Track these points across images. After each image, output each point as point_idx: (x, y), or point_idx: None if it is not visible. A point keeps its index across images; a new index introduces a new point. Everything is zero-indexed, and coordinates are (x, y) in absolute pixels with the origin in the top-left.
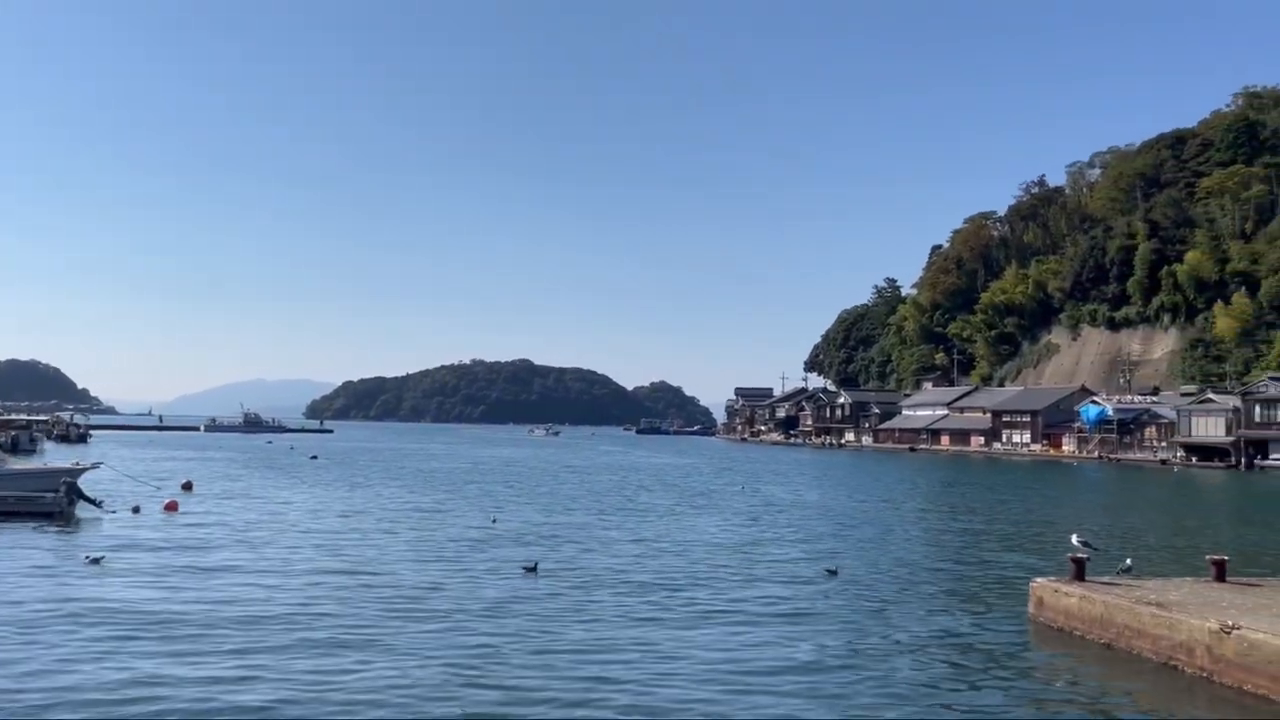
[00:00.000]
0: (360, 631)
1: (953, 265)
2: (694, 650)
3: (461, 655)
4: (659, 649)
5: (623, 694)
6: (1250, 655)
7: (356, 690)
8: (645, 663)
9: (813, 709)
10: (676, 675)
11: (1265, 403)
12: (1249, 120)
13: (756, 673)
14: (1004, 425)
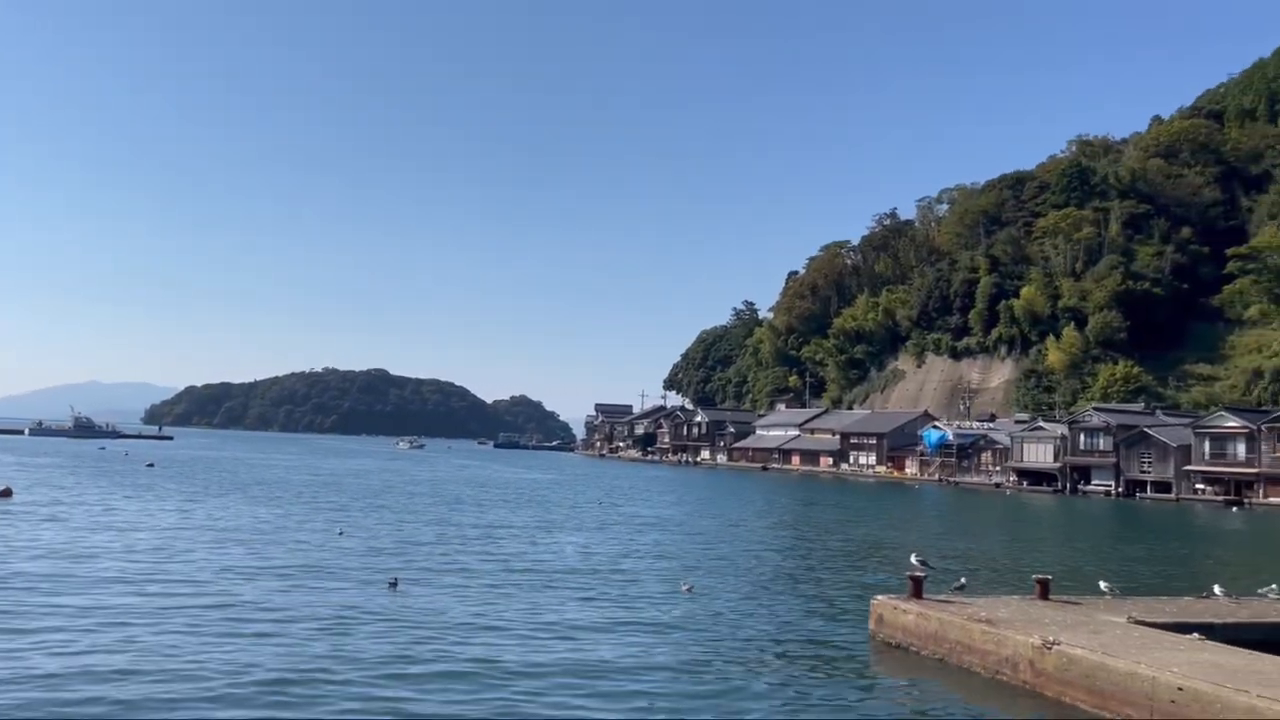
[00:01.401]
0: (174, 655)
1: (808, 291)
2: (545, 663)
3: (292, 672)
4: (506, 664)
5: (476, 705)
6: (1068, 670)
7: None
8: (491, 676)
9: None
10: (523, 689)
11: (1089, 431)
12: (1081, 166)
13: (602, 695)
14: (851, 447)
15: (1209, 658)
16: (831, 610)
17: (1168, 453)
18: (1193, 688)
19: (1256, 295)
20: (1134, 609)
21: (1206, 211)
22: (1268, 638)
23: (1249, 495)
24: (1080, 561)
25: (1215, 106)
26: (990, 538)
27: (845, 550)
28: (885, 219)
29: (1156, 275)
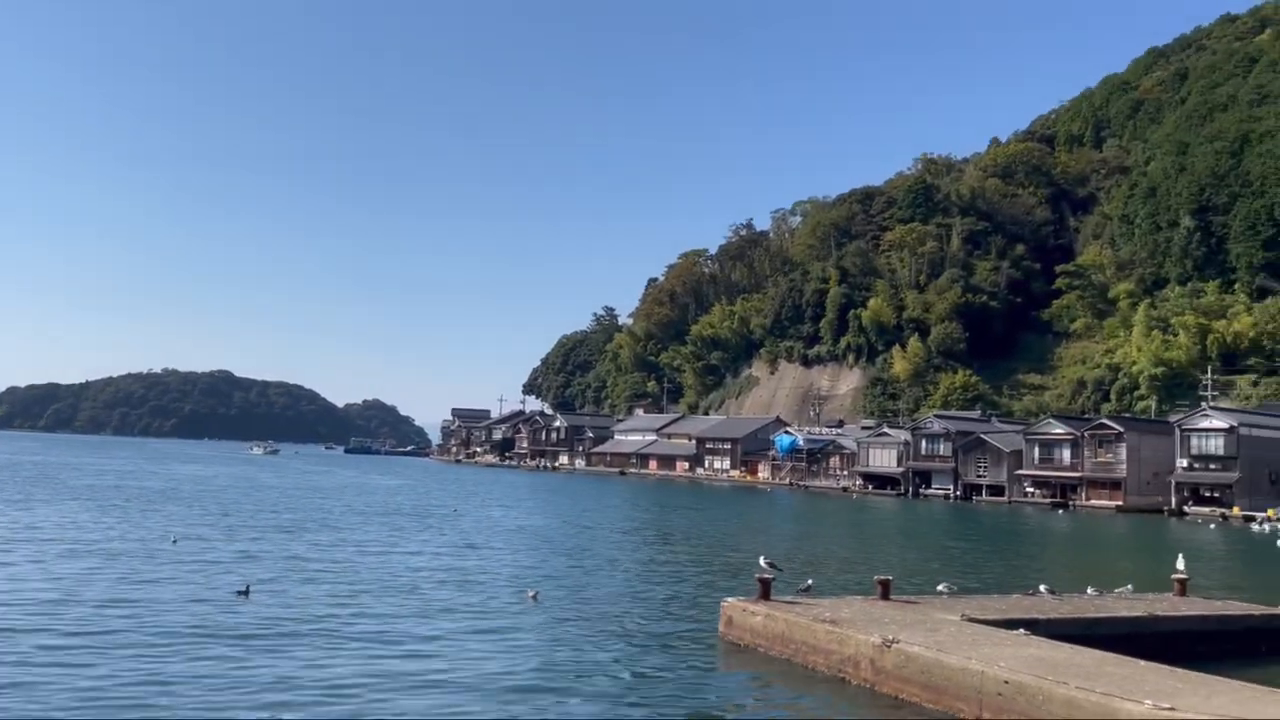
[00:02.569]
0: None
1: (667, 298)
2: (384, 673)
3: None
4: (343, 674)
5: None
6: (906, 667)
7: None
8: (331, 685)
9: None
10: (368, 692)
11: (930, 437)
12: (926, 184)
13: (441, 705)
14: (707, 452)
15: (1033, 652)
16: (682, 613)
17: (1001, 458)
18: (1017, 681)
19: (1081, 310)
20: (967, 607)
21: (1038, 230)
22: (1086, 632)
23: (1073, 498)
24: (920, 562)
25: (1047, 131)
26: (837, 540)
27: (697, 553)
28: (742, 229)
29: (993, 289)
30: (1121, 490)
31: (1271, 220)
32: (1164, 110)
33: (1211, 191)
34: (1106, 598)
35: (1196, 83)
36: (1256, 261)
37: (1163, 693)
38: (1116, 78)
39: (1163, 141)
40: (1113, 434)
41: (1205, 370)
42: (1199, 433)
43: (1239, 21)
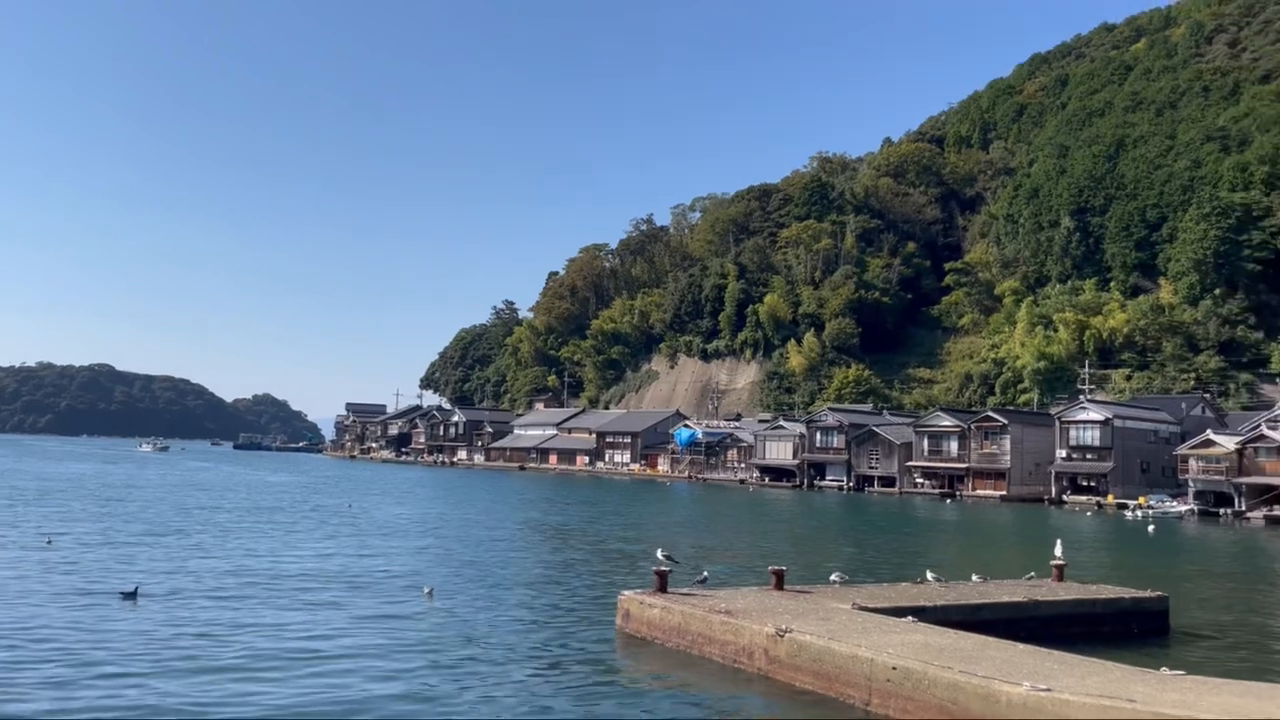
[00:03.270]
0: None
1: (567, 292)
2: (276, 667)
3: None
4: (229, 675)
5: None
6: (798, 655)
7: None
8: (220, 687)
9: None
10: (248, 684)
11: (824, 430)
12: (821, 181)
13: (333, 702)
14: (607, 446)
15: (920, 638)
16: (581, 607)
17: (892, 450)
18: (905, 666)
19: (968, 306)
20: (858, 596)
21: (929, 228)
22: (970, 618)
23: (960, 488)
24: (814, 553)
25: (937, 132)
26: (734, 532)
27: (596, 548)
28: (642, 224)
29: (885, 286)
30: (1005, 480)
31: (1144, 222)
32: (1046, 114)
33: (1089, 193)
34: (990, 584)
35: (1076, 89)
36: (1130, 261)
37: (1040, 674)
38: (1002, 82)
39: (1045, 144)
40: (997, 426)
41: (1083, 365)
42: (1077, 424)
43: (1116, 31)
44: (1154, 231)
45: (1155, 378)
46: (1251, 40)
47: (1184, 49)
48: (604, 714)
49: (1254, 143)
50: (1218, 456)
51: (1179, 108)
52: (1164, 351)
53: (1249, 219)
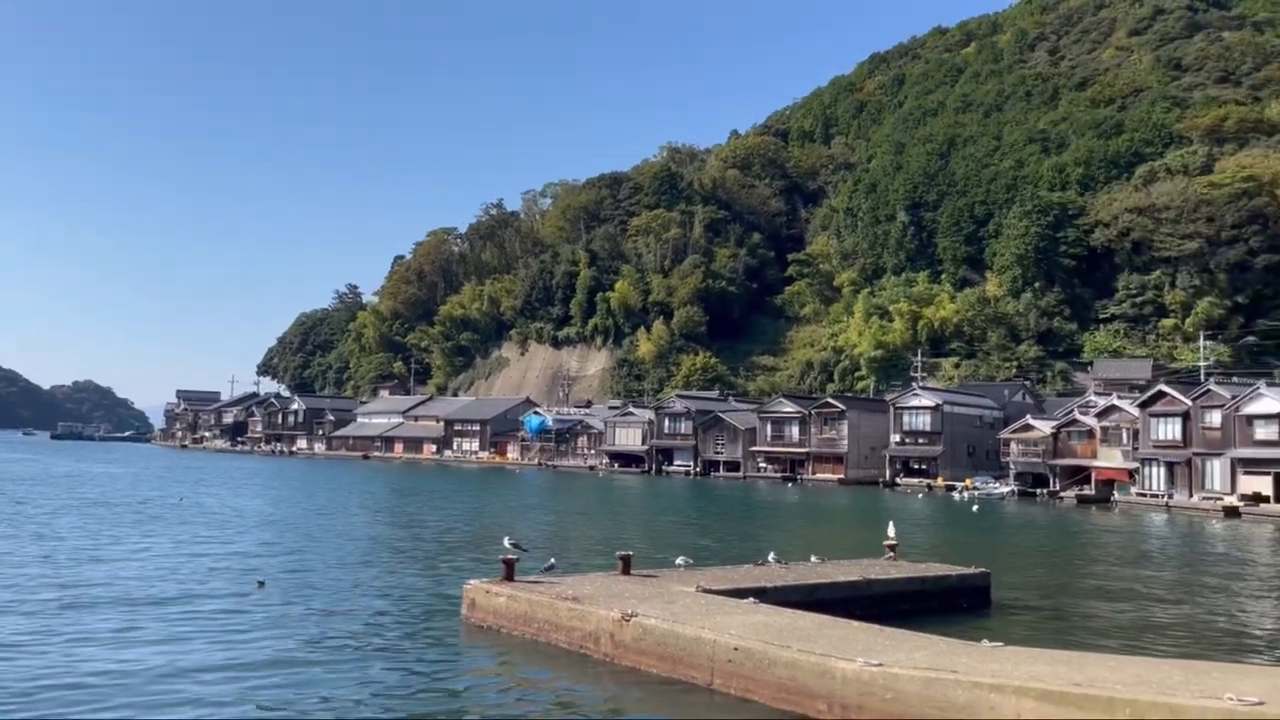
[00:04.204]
0: None
1: (414, 276)
2: (96, 667)
3: None
4: (50, 669)
5: None
6: (644, 639)
7: None
8: (31, 683)
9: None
10: (67, 693)
11: (672, 416)
12: (671, 171)
13: (158, 704)
14: (455, 434)
15: (761, 619)
16: (425, 598)
17: (737, 435)
18: (746, 647)
19: (810, 296)
20: (702, 579)
21: (773, 220)
22: (809, 597)
23: (801, 472)
24: (661, 537)
25: (782, 126)
26: (582, 518)
27: (442, 537)
28: (493, 209)
29: (732, 275)
30: (844, 464)
31: (972, 217)
32: (884, 112)
33: (923, 189)
34: (828, 564)
35: (912, 88)
36: (959, 255)
37: (873, 650)
38: (844, 79)
39: (882, 141)
40: (836, 412)
41: (916, 353)
42: (910, 410)
43: (948, 34)
44: (981, 227)
45: (981, 366)
46: (1070, 49)
47: (1009, 54)
48: (447, 705)
49: (1071, 145)
50: (1035, 440)
51: (1005, 110)
52: (989, 341)
53: (1065, 217)
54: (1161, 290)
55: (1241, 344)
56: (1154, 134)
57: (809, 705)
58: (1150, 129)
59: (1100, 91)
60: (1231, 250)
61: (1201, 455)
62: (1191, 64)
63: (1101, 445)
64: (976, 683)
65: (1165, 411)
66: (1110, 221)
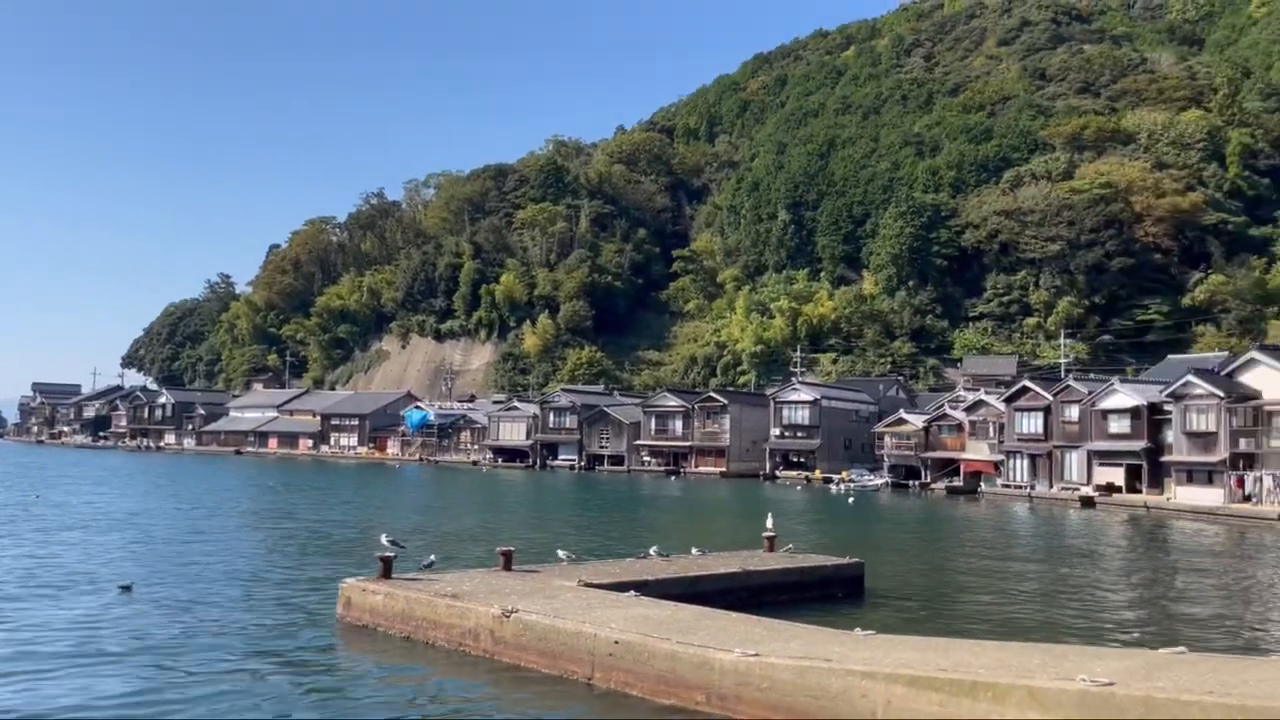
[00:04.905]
0: None
1: (290, 266)
2: None
3: None
4: None
5: None
6: (524, 635)
7: None
8: None
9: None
10: None
11: (557, 411)
12: (557, 165)
13: (30, 711)
14: (333, 428)
15: (641, 612)
16: (299, 598)
17: (622, 429)
18: (626, 640)
19: (694, 292)
20: (584, 573)
21: (659, 216)
22: (690, 590)
23: (684, 465)
24: (544, 532)
25: (668, 123)
26: (465, 514)
27: (318, 535)
28: (373, 198)
29: (618, 270)
30: (725, 457)
31: (850, 217)
32: (767, 112)
33: (804, 189)
34: (709, 556)
35: (794, 89)
36: (837, 254)
37: (750, 640)
38: (728, 78)
39: (765, 140)
40: (718, 406)
41: (795, 349)
42: (789, 404)
43: (829, 37)
44: (859, 227)
45: (858, 361)
46: (943, 56)
47: (887, 59)
48: (319, 708)
49: (944, 149)
50: (908, 434)
51: (882, 113)
52: (865, 337)
53: (938, 218)
54: (1026, 290)
55: (1098, 342)
56: (1020, 140)
57: (688, 697)
58: (1017, 135)
59: (971, 98)
60: (1090, 253)
61: (1061, 448)
62: (1055, 74)
63: (970, 439)
64: (849, 670)
65: (1028, 406)
66: (980, 223)
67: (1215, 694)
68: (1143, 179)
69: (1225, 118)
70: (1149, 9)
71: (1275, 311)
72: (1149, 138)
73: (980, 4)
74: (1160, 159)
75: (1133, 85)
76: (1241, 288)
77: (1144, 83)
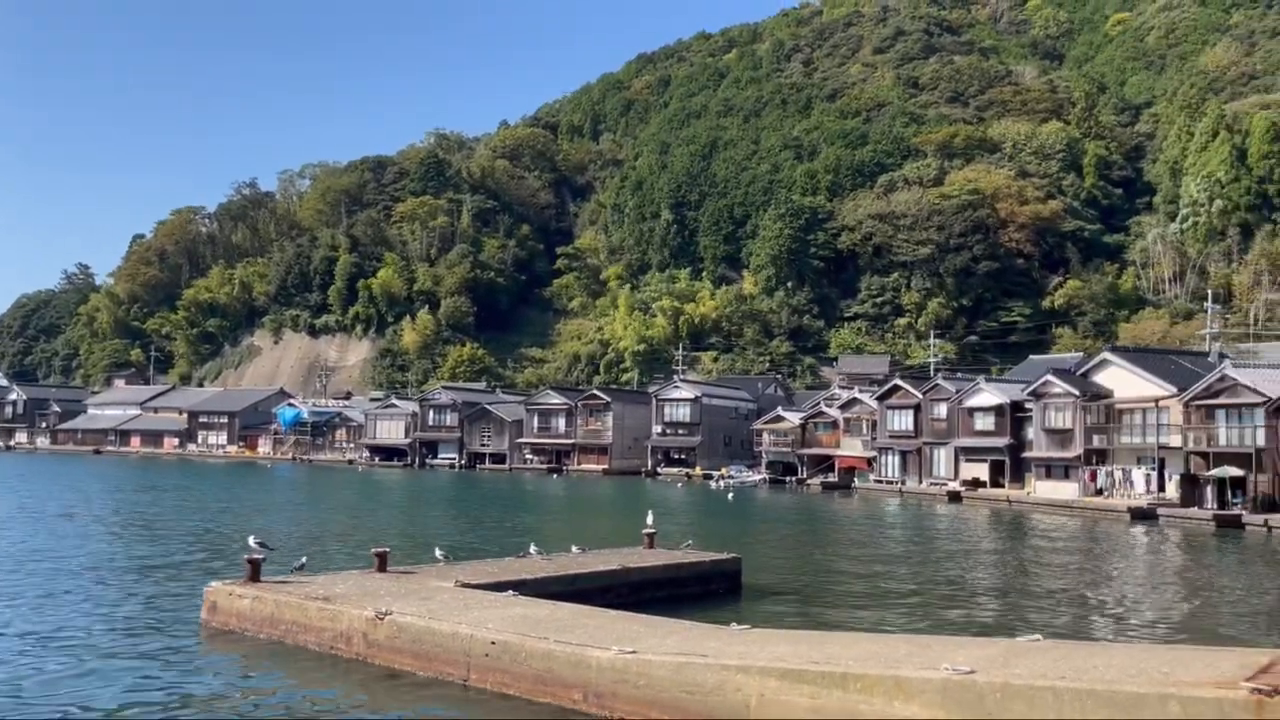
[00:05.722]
0: None
1: (155, 257)
2: None
3: None
4: None
5: None
6: (398, 637)
7: None
8: None
9: None
10: None
11: (437, 408)
12: (438, 158)
13: None
14: (201, 426)
15: (519, 611)
16: (162, 602)
17: (504, 427)
18: (503, 640)
19: (578, 290)
20: (462, 573)
21: (542, 212)
22: (569, 588)
23: (567, 463)
24: (421, 532)
25: (552, 119)
26: (339, 515)
27: (183, 537)
28: (245, 188)
29: (500, 266)
30: (608, 455)
31: (731, 218)
32: (651, 112)
33: (686, 189)
34: (589, 554)
35: (677, 90)
36: (719, 253)
37: (627, 638)
38: (613, 77)
39: (649, 140)
40: (601, 404)
41: (678, 347)
42: (671, 402)
43: (712, 40)
44: (740, 227)
45: (738, 360)
46: (822, 62)
47: (768, 63)
48: (182, 717)
49: (821, 153)
50: (786, 431)
51: (763, 116)
52: (745, 336)
53: (816, 221)
54: (899, 291)
55: (965, 342)
56: (894, 146)
57: (565, 695)
58: (891, 142)
59: (848, 104)
60: (958, 256)
61: (930, 444)
62: (927, 83)
63: (844, 435)
64: (724, 665)
65: (899, 404)
66: (855, 226)
67: (1067, 679)
68: (1007, 186)
69: (1083, 130)
70: (1014, 24)
71: (1126, 314)
72: (1013, 147)
73: (858, 12)
74: (1024, 168)
75: (999, 96)
76: (1096, 292)
77: (1009, 94)
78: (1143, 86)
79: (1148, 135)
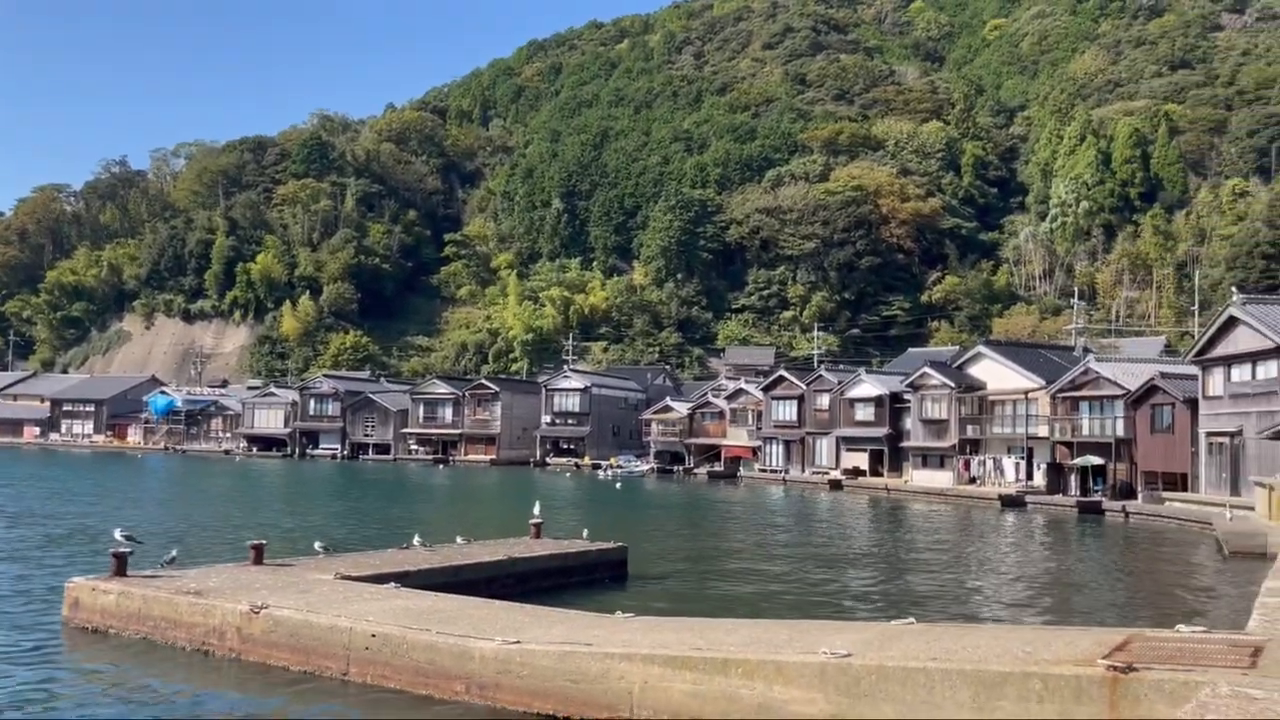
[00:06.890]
0: None
1: (15, 237)
2: None
3: None
4: None
5: None
6: (274, 631)
7: None
8: None
9: None
10: None
11: (319, 398)
12: (321, 140)
13: None
14: (65, 415)
15: (401, 604)
16: (18, 600)
17: (389, 417)
18: (384, 633)
19: (467, 277)
20: (342, 565)
21: (430, 198)
22: (453, 579)
23: (454, 453)
24: (300, 524)
25: (441, 104)
26: (214, 506)
27: (44, 532)
28: (115, 166)
29: (386, 252)
30: (496, 445)
31: (622, 209)
32: (542, 99)
33: (578, 178)
34: (475, 545)
35: (569, 78)
36: (609, 244)
37: (512, 628)
38: (503, 62)
39: (540, 128)
40: (490, 393)
41: (568, 337)
42: (560, 392)
43: (604, 29)
44: (630, 218)
45: (628, 350)
46: (712, 55)
47: (659, 55)
48: (51, 716)
49: (711, 146)
50: (674, 421)
51: (654, 107)
52: (635, 327)
53: (705, 214)
54: (785, 285)
55: (848, 335)
56: (782, 141)
57: (447, 688)
58: (779, 137)
59: (738, 98)
60: (842, 251)
61: (813, 434)
62: (814, 80)
63: (731, 425)
64: (608, 654)
65: (784, 395)
66: (743, 220)
67: (938, 659)
68: (890, 184)
69: (961, 130)
70: (898, 25)
71: (999, 309)
72: (895, 145)
73: (748, 7)
74: (905, 166)
75: (883, 95)
76: (972, 288)
77: (892, 93)
78: (1017, 90)
79: (1021, 137)
